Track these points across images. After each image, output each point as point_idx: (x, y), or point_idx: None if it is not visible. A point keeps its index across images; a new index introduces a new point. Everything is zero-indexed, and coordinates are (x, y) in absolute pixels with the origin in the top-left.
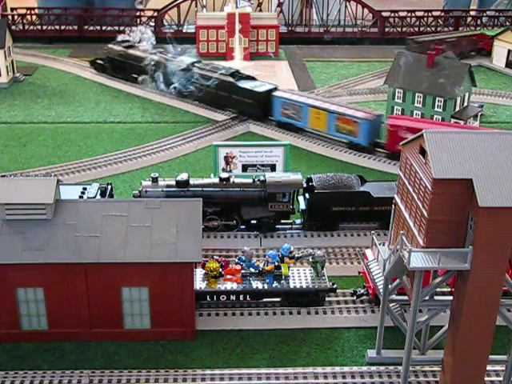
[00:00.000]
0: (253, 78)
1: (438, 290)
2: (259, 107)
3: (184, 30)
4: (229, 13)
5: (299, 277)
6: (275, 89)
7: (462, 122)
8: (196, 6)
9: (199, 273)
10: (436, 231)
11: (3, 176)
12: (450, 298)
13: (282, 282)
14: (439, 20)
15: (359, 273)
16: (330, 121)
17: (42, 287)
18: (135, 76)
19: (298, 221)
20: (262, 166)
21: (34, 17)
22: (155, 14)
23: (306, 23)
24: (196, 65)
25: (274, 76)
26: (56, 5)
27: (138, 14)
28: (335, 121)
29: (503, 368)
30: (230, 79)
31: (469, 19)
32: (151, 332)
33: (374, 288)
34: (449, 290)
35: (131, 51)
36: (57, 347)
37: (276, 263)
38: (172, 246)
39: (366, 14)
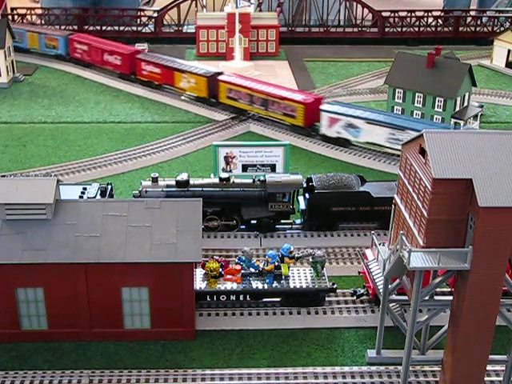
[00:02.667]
0: None
1: (438, 289)
2: None
3: (184, 30)
4: (229, 13)
5: (299, 277)
6: None
7: (462, 122)
8: (196, 5)
9: (199, 273)
10: (436, 231)
11: (3, 176)
12: (450, 297)
13: (281, 282)
14: (439, 20)
15: (359, 273)
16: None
17: (42, 287)
18: None
19: (298, 221)
20: (262, 166)
21: (34, 17)
22: (155, 14)
23: (306, 23)
24: None
25: (274, 76)
26: (62, 5)
27: (138, 14)
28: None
29: (503, 368)
30: None
31: (468, 19)
32: (151, 332)
33: (374, 288)
34: (449, 290)
35: None
36: (57, 347)
37: (276, 263)
38: (172, 246)
39: (366, 14)
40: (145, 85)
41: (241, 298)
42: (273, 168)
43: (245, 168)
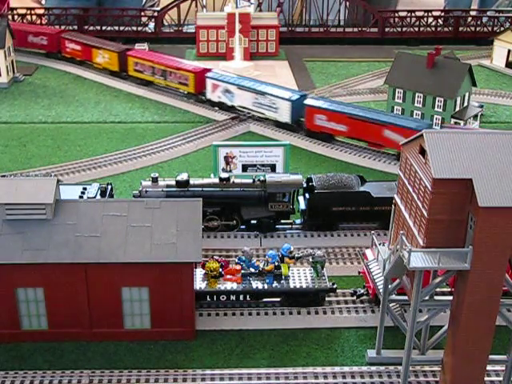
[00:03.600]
0: None
1: (438, 289)
2: None
3: (184, 30)
4: (229, 13)
5: (299, 277)
6: None
7: (462, 122)
8: (196, 5)
9: (199, 273)
10: (436, 231)
11: (3, 176)
12: (450, 297)
13: (281, 282)
14: (439, 20)
15: (359, 273)
16: None
17: (42, 287)
18: None
19: (298, 221)
20: (262, 166)
21: (35, 17)
22: (155, 14)
23: (306, 23)
24: None
25: (274, 76)
26: (65, 5)
27: (138, 14)
28: None
29: (503, 368)
30: None
31: (469, 19)
32: (151, 332)
33: (374, 288)
34: (449, 289)
35: None
36: (57, 347)
37: (276, 263)
38: (172, 246)
39: (366, 14)
40: (68, 61)
41: (241, 298)
42: (273, 168)
43: (245, 168)
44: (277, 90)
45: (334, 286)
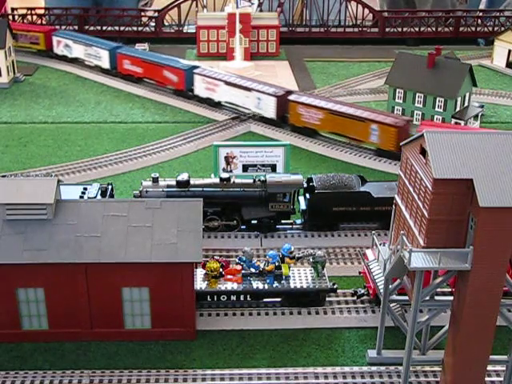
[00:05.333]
0: None
1: (439, 290)
2: None
3: (185, 30)
4: (229, 13)
5: (300, 277)
6: None
7: (462, 123)
8: (196, 6)
9: (200, 273)
10: (436, 231)
11: (4, 176)
12: (451, 298)
13: (282, 282)
14: (440, 20)
15: (360, 273)
16: None
17: (43, 287)
18: None
19: (299, 221)
20: (263, 166)
21: (35, 17)
22: (156, 14)
23: (307, 23)
24: None
25: (274, 76)
26: (64, 5)
27: (138, 14)
28: None
29: (504, 368)
30: None
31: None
32: (152, 332)
33: (375, 288)
34: (449, 290)
35: None
36: (57, 347)
37: (276, 263)
38: (172, 246)
39: (366, 14)
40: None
41: (241, 298)
42: (273, 168)
43: (245, 168)
44: (100, 41)
45: (335, 286)
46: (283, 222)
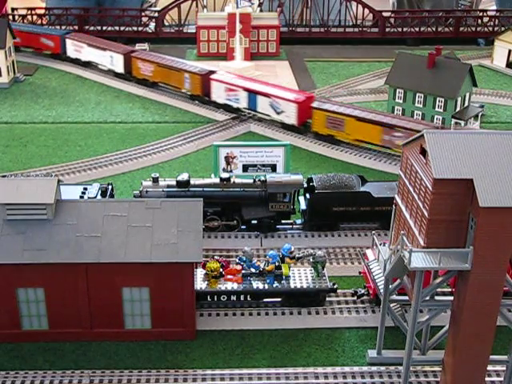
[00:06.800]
0: None
1: (439, 290)
2: None
3: (185, 30)
4: (229, 13)
5: (300, 277)
6: None
7: (462, 123)
8: (197, 6)
9: (200, 273)
10: (437, 231)
11: (4, 176)
12: (451, 298)
13: (282, 282)
14: (440, 20)
15: (360, 273)
16: None
17: (43, 287)
18: None
19: (299, 221)
20: (263, 166)
21: (35, 17)
22: (156, 14)
23: (307, 23)
24: None
25: (274, 76)
26: (66, 5)
27: (139, 14)
28: None
29: (504, 368)
30: None
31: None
32: (152, 332)
33: (375, 288)
34: (449, 290)
35: None
36: (57, 347)
37: (276, 263)
38: (172, 246)
39: (366, 14)
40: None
41: (241, 298)
42: (273, 168)
43: (245, 168)
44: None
45: (335, 286)
46: (283, 222)
